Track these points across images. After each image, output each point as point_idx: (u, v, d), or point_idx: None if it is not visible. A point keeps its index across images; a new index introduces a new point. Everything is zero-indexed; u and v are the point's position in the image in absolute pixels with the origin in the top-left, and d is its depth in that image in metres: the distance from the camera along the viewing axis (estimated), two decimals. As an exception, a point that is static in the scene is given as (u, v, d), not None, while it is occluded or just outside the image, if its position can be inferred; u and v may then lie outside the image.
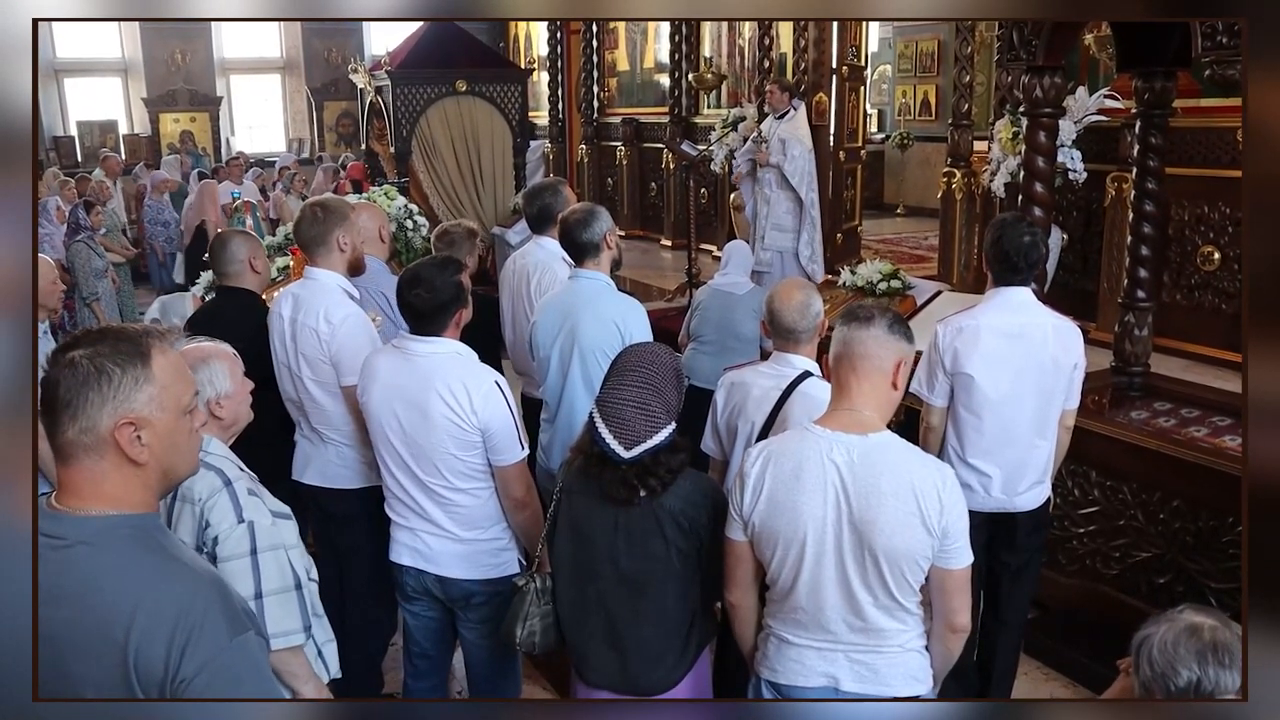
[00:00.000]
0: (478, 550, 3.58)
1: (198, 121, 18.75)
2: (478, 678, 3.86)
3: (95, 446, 1.83)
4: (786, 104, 8.30)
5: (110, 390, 1.82)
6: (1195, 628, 2.13)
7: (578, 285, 4.25)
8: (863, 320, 2.74)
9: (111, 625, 1.76)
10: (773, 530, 2.73)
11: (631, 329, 4.06)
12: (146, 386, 1.85)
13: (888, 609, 2.71)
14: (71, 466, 1.84)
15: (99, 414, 1.81)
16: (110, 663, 1.76)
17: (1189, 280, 6.17)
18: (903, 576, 2.67)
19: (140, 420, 1.85)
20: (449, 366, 3.44)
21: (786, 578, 2.76)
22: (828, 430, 2.71)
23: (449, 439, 3.40)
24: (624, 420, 2.90)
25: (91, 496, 1.84)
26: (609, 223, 4.29)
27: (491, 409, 3.40)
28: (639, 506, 2.93)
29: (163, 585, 1.81)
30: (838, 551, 2.68)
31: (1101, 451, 4.75)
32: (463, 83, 10.43)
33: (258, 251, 4.54)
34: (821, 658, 2.80)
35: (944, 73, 14.16)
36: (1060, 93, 4.99)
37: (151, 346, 1.88)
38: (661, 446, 2.91)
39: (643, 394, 2.94)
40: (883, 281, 6.90)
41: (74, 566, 1.79)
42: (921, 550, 2.65)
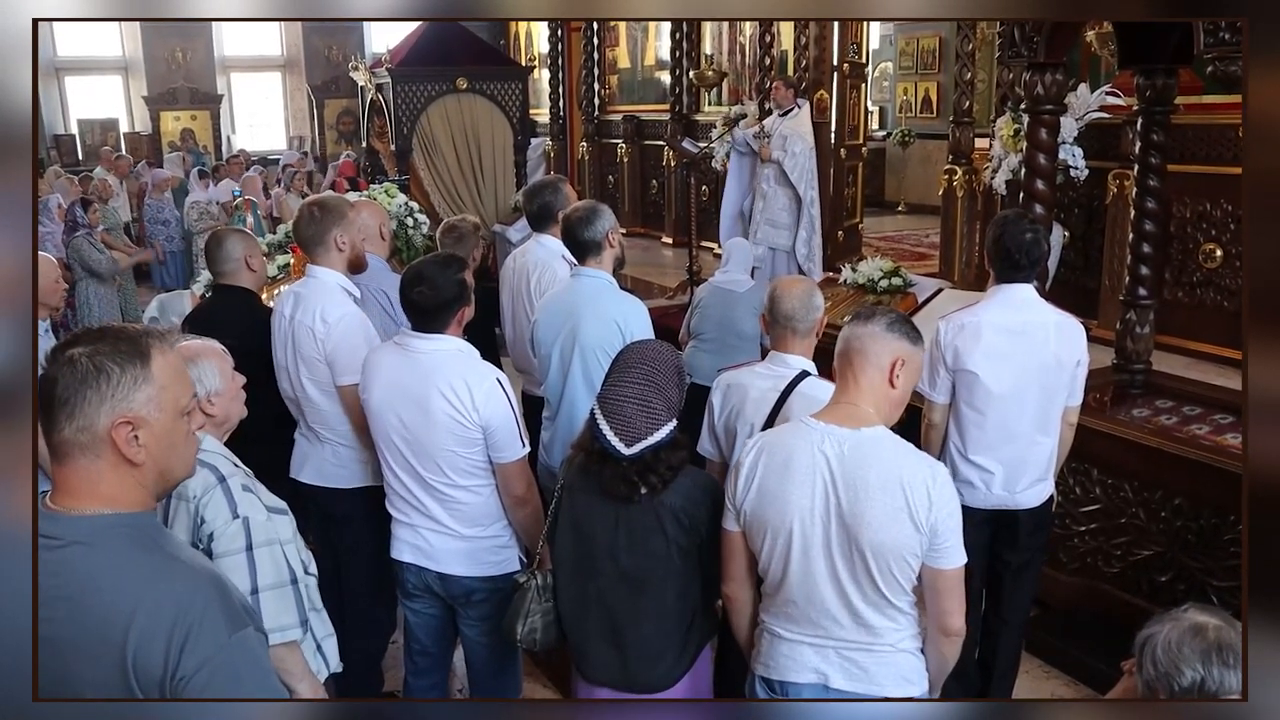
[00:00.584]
0: (478, 547, 3.58)
1: (198, 119, 18.78)
2: (478, 676, 3.87)
3: (92, 446, 1.82)
4: (791, 101, 8.30)
5: (109, 389, 1.81)
6: (1200, 628, 2.11)
7: (579, 284, 4.24)
8: (863, 318, 2.78)
9: (109, 625, 1.76)
10: (762, 519, 2.75)
11: (633, 328, 4.05)
12: (145, 386, 1.85)
13: (877, 605, 2.71)
14: (67, 465, 1.84)
15: (96, 413, 1.80)
16: (109, 663, 1.76)
17: (1191, 278, 6.16)
18: (890, 573, 2.66)
19: (138, 420, 1.84)
20: (450, 363, 3.44)
21: (776, 569, 2.77)
22: (821, 423, 2.73)
23: (450, 436, 3.40)
24: (625, 417, 2.90)
25: (87, 496, 1.83)
26: (611, 221, 4.28)
27: (493, 406, 3.40)
28: (639, 504, 2.93)
29: (161, 584, 1.80)
30: (825, 544, 2.68)
31: (1103, 449, 4.75)
32: (463, 80, 10.42)
33: (253, 250, 4.53)
34: (814, 652, 2.80)
35: (945, 70, 14.14)
36: (1062, 90, 4.98)
37: (151, 346, 1.87)
38: (663, 444, 2.91)
39: (644, 391, 2.95)
40: (884, 279, 6.90)
41: (70, 567, 1.79)
42: (909, 546, 2.64)
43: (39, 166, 16.26)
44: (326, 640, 2.98)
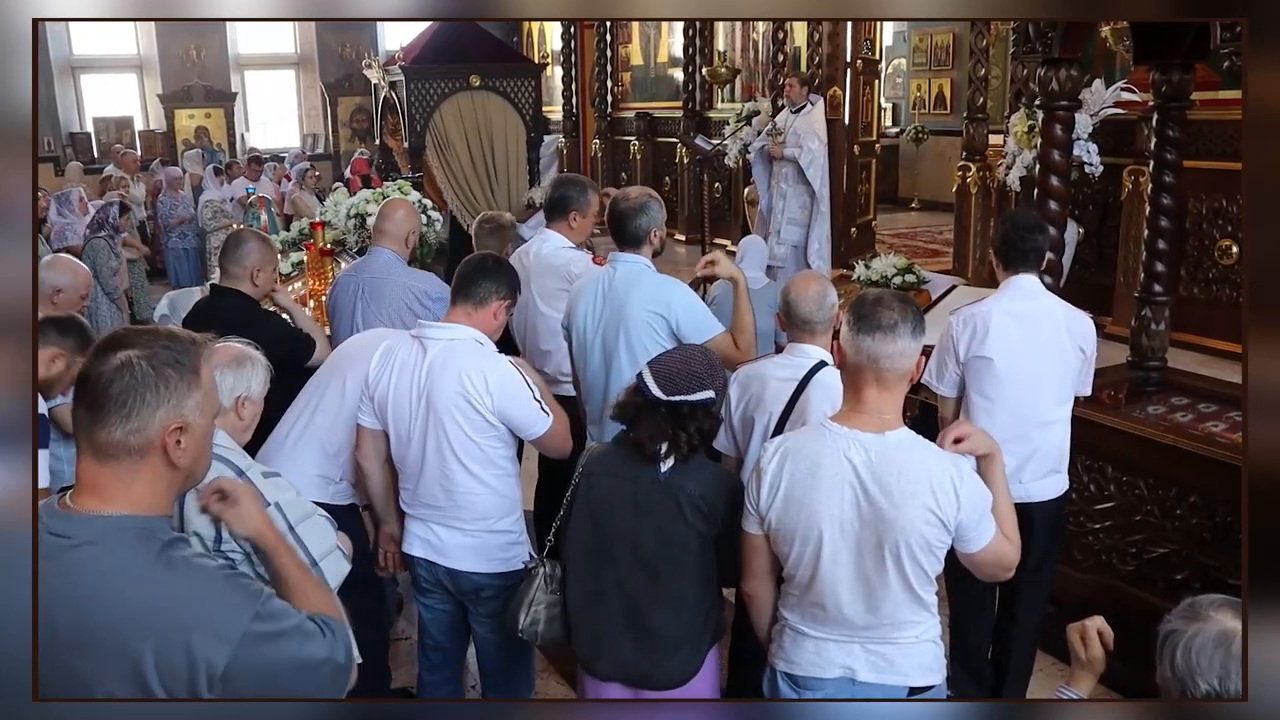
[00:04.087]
0: (488, 543, 3.59)
1: (213, 117, 18.78)
2: (490, 673, 3.87)
3: (140, 448, 1.84)
4: (804, 98, 8.27)
5: (167, 394, 1.85)
6: (1225, 638, 2.03)
7: (618, 269, 4.15)
8: (886, 330, 2.64)
9: (122, 625, 1.76)
10: (790, 527, 2.74)
11: (678, 308, 4.01)
12: (195, 393, 1.89)
13: (905, 603, 2.71)
14: (107, 465, 1.84)
15: (152, 416, 1.83)
16: (120, 663, 1.76)
17: (1206, 274, 6.12)
18: (921, 569, 2.67)
19: (186, 425, 1.88)
20: (464, 352, 3.46)
21: (804, 573, 2.76)
22: (845, 428, 2.69)
23: (465, 421, 3.41)
24: (669, 373, 2.99)
25: (114, 496, 1.84)
26: (661, 217, 4.19)
27: (507, 390, 3.43)
28: (660, 484, 2.97)
29: (179, 584, 1.81)
30: (856, 549, 2.67)
31: (1118, 446, 4.72)
32: (476, 78, 10.39)
33: (266, 265, 4.52)
34: (840, 649, 2.80)
35: (959, 66, 14.11)
36: (1076, 85, 4.94)
37: (200, 353, 1.92)
38: (699, 404, 2.98)
39: (689, 356, 3.07)
40: (897, 276, 6.88)
41: (82, 567, 1.79)
42: (938, 545, 2.65)
43: (57, 164, 16.36)
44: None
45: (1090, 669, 2.47)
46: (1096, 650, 2.45)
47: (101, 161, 16.52)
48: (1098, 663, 2.45)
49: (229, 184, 13.90)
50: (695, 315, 4.00)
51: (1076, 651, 2.48)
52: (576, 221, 4.89)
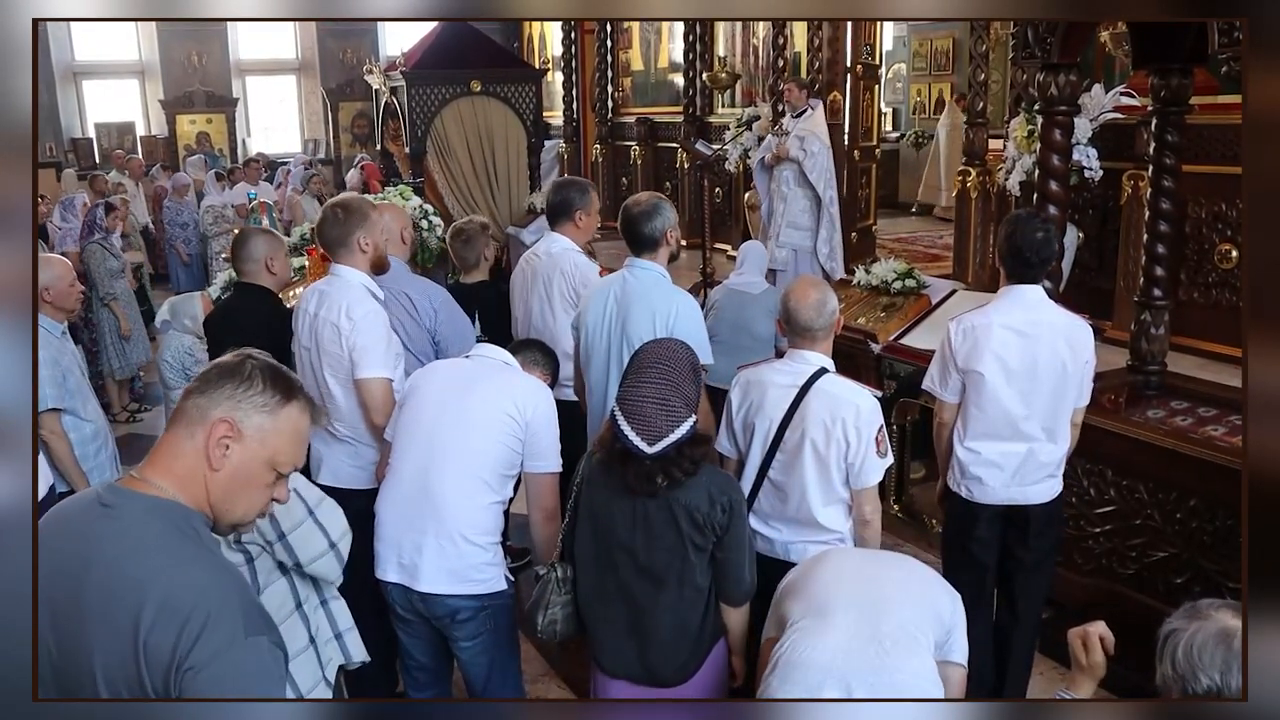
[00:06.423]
0: (465, 564, 3.49)
1: (214, 123, 18.81)
2: (478, 692, 3.79)
3: (195, 422, 1.93)
4: (804, 102, 8.26)
5: (242, 393, 1.95)
6: (1225, 634, 2.04)
7: (632, 275, 4.18)
8: None
9: (131, 595, 1.78)
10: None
11: (683, 323, 4.03)
12: (266, 417, 1.97)
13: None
14: (171, 430, 1.96)
15: (218, 399, 1.94)
16: (123, 635, 1.77)
17: (1206, 278, 6.11)
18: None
19: (237, 434, 1.93)
20: (502, 368, 3.61)
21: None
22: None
23: (490, 429, 3.43)
24: (645, 417, 2.96)
25: (163, 469, 1.92)
26: (673, 218, 4.21)
27: (541, 409, 3.49)
28: (659, 498, 3.00)
29: (192, 569, 1.83)
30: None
31: (1118, 450, 4.72)
32: (477, 83, 10.43)
33: (276, 252, 4.59)
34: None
35: (959, 71, 14.11)
36: (1076, 90, 4.95)
37: (298, 398, 2.02)
38: (684, 439, 2.97)
39: (662, 390, 3.01)
40: (897, 281, 6.88)
41: (108, 534, 1.83)
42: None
43: (59, 170, 16.36)
44: (348, 633, 2.98)
45: (1090, 674, 2.47)
46: (1097, 655, 2.45)
47: (103, 167, 16.51)
48: (1098, 668, 2.46)
49: (230, 189, 13.90)
50: (692, 335, 3.98)
51: (1077, 656, 2.48)
52: (582, 221, 4.89)
